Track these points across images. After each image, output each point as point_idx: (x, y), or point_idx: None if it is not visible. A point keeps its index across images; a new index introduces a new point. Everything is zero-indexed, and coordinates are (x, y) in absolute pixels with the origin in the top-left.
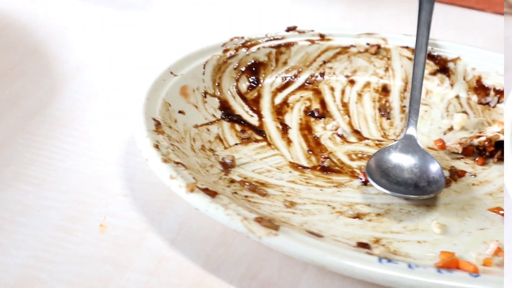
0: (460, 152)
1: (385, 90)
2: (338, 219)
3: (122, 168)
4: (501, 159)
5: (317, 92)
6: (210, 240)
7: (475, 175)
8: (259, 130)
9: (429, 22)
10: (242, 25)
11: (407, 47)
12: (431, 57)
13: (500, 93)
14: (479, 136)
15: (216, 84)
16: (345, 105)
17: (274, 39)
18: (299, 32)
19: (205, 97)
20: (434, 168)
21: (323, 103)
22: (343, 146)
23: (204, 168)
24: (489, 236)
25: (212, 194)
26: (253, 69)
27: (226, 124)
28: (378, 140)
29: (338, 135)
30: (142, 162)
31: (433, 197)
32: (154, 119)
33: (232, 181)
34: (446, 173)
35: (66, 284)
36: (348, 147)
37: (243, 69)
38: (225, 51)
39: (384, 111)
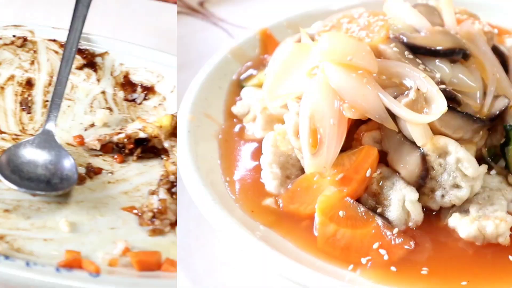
0: (98, 148)
1: (29, 84)
2: None
3: None
4: (140, 157)
5: None
6: None
7: (112, 173)
8: None
9: (85, 16)
10: None
11: (54, 40)
12: (79, 51)
13: (147, 89)
14: (119, 133)
15: None
16: None
17: None
18: None
19: None
20: (68, 164)
21: None
22: None
23: None
24: (119, 236)
25: None
26: None
27: None
28: (16, 135)
29: None
30: None
31: (65, 194)
32: None
33: None
34: (82, 170)
35: None
36: None
37: None
38: None
39: (26, 105)
